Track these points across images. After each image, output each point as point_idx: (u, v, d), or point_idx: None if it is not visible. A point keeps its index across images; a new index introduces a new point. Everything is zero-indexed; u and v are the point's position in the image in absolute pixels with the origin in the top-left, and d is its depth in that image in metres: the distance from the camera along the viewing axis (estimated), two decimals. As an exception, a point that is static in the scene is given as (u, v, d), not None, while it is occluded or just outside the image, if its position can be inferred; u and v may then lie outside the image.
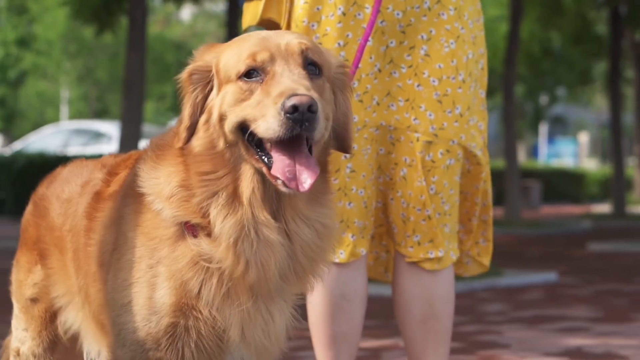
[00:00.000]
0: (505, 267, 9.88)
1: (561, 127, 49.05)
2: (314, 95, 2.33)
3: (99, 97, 41.35)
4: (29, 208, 3.07)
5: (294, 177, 2.35)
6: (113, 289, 2.58)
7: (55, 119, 41.38)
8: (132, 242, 2.55)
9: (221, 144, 2.45)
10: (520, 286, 8.94)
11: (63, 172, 3.05)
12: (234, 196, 2.44)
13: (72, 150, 20.91)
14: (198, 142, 2.47)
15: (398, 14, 3.36)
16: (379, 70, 3.38)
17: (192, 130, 2.49)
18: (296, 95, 2.30)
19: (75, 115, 41.01)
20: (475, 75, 3.49)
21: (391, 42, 3.38)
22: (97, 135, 22.38)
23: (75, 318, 2.90)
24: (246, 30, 3.60)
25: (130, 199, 2.60)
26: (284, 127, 2.30)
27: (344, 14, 3.35)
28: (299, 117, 2.29)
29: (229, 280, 2.47)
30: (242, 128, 2.41)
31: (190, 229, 2.49)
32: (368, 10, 3.35)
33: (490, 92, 28.75)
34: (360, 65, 3.34)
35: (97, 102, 41.67)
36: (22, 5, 35.89)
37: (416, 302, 3.50)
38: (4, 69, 41.34)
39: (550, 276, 9.46)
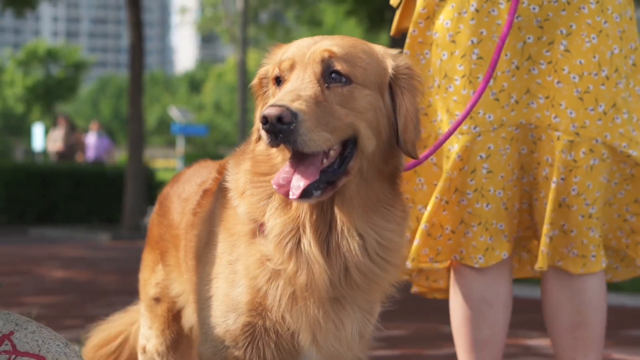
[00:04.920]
0: None
1: None
2: (294, 106, 2.28)
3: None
4: (155, 207, 3.21)
5: (286, 184, 2.34)
6: (199, 282, 2.66)
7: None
8: (217, 237, 2.62)
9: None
10: None
11: (187, 172, 3.17)
12: (287, 200, 2.45)
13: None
14: (261, 142, 2.52)
15: (534, 9, 3.24)
16: (517, 68, 3.27)
17: None
18: (270, 106, 2.28)
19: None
20: (624, 71, 3.30)
21: (528, 38, 3.26)
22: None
23: (192, 316, 2.95)
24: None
25: (220, 193, 2.68)
26: (266, 137, 2.31)
27: (477, 10, 3.27)
28: (270, 128, 2.27)
29: (294, 283, 2.48)
30: None
31: (262, 227, 2.52)
32: (502, 6, 3.25)
33: None
34: (495, 63, 3.25)
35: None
36: (317, 17, 37.20)
37: (564, 309, 3.37)
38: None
39: None
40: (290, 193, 2.34)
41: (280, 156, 2.48)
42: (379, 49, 2.55)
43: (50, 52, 58.40)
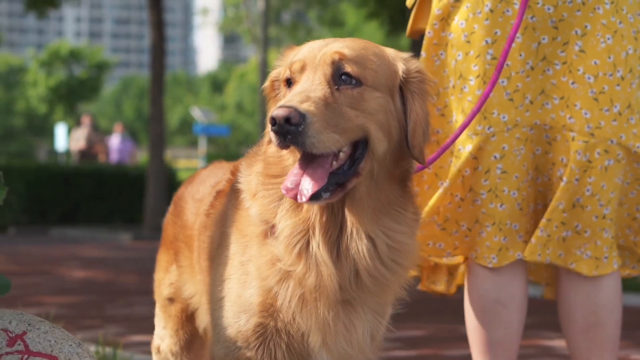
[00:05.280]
0: None
1: None
2: (302, 107, 2.28)
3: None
4: (170, 208, 3.22)
5: (295, 187, 2.34)
6: (212, 283, 2.66)
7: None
8: (229, 238, 2.63)
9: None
10: None
11: (202, 173, 3.17)
12: (297, 202, 2.44)
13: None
14: (272, 144, 2.51)
15: (549, 9, 3.23)
16: (532, 68, 3.27)
17: None
18: (278, 107, 2.27)
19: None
20: (638, 71, 3.28)
21: (543, 39, 3.25)
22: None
23: (205, 317, 2.94)
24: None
25: (233, 194, 2.69)
26: (275, 138, 2.31)
27: (491, 10, 3.27)
28: (279, 129, 2.26)
29: (304, 284, 2.48)
30: None
31: (273, 229, 2.52)
32: (517, 6, 3.25)
33: None
34: (509, 63, 3.25)
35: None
36: (338, 18, 37.20)
37: (578, 310, 3.36)
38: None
39: None
40: (298, 196, 2.34)
41: (291, 158, 2.48)
42: (390, 52, 2.54)
43: (73, 53, 58.59)
